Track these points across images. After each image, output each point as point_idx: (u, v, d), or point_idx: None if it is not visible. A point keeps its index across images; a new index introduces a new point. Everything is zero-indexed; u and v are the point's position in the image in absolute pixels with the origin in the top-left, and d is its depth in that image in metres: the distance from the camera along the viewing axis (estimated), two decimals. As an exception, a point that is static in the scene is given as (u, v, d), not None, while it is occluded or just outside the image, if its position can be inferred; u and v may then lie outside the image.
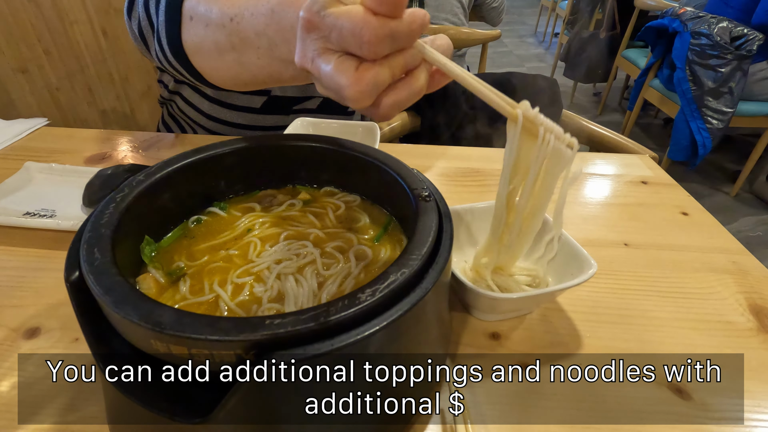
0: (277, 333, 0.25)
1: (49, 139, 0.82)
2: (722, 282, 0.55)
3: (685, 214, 0.67)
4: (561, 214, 0.44)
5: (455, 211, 0.49)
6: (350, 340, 0.26)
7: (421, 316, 0.32)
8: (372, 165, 0.44)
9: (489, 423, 0.38)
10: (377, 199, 0.48)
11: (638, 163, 0.81)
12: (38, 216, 0.59)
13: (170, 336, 0.25)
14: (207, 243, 0.43)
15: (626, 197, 0.71)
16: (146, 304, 0.26)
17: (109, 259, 0.30)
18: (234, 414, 0.26)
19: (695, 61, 2.05)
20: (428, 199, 0.38)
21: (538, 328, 0.48)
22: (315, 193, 0.50)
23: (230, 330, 0.25)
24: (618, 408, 0.40)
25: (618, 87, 3.48)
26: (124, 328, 0.28)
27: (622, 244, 0.61)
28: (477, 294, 0.43)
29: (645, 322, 0.49)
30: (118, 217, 0.34)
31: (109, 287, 0.27)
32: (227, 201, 0.48)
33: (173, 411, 0.27)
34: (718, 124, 2.07)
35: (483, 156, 0.81)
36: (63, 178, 0.68)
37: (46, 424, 0.37)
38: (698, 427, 0.39)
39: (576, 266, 0.47)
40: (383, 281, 0.29)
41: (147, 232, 0.40)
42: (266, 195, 0.49)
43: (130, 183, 0.38)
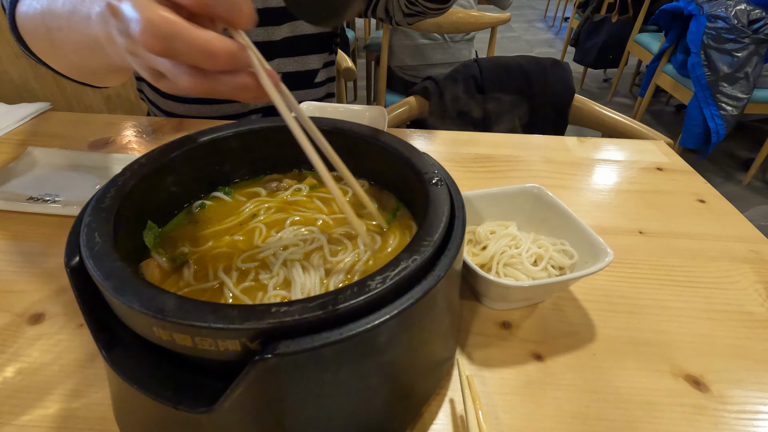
0: (284, 321, 0.24)
1: (53, 123, 0.81)
2: (741, 271, 0.53)
3: (702, 202, 0.65)
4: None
5: (466, 197, 0.48)
6: (360, 329, 0.25)
7: (432, 304, 0.31)
8: (380, 148, 0.43)
9: (500, 413, 0.38)
10: (386, 184, 0.47)
11: (653, 149, 0.79)
12: (42, 201, 0.59)
13: (172, 323, 0.24)
14: (211, 228, 0.42)
15: (641, 184, 0.69)
16: (148, 291, 0.25)
17: (110, 244, 0.29)
18: (240, 404, 0.25)
19: (710, 45, 2.00)
20: (440, 184, 0.37)
21: (551, 318, 0.46)
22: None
23: (235, 318, 0.24)
24: (633, 399, 0.39)
25: (629, 73, 3.40)
26: (125, 314, 0.27)
27: (637, 232, 0.59)
28: (488, 282, 0.42)
29: (660, 312, 0.48)
30: (119, 202, 0.33)
31: (110, 273, 0.26)
32: (232, 186, 0.47)
33: (177, 400, 0.26)
34: (732, 111, 2.03)
35: (494, 141, 0.79)
36: (67, 163, 0.68)
37: (51, 410, 0.37)
38: (716, 420, 0.38)
39: (590, 254, 0.45)
40: (394, 268, 0.28)
41: (150, 217, 0.39)
42: (272, 179, 0.48)
43: (131, 166, 0.36)
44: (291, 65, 0.85)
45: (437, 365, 0.38)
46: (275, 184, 0.47)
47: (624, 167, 0.74)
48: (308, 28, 0.83)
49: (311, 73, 0.87)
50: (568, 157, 0.76)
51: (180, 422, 0.28)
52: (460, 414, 0.37)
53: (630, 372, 0.41)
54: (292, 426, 0.28)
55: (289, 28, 0.81)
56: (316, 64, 0.87)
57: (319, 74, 0.89)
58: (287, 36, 0.82)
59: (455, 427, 0.37)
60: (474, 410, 0.35)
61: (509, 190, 0.53)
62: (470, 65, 1.02)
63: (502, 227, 0.50)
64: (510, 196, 0.53)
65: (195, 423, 0.27)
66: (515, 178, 0.70)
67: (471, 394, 0.36)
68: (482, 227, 0.51)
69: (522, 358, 0.42)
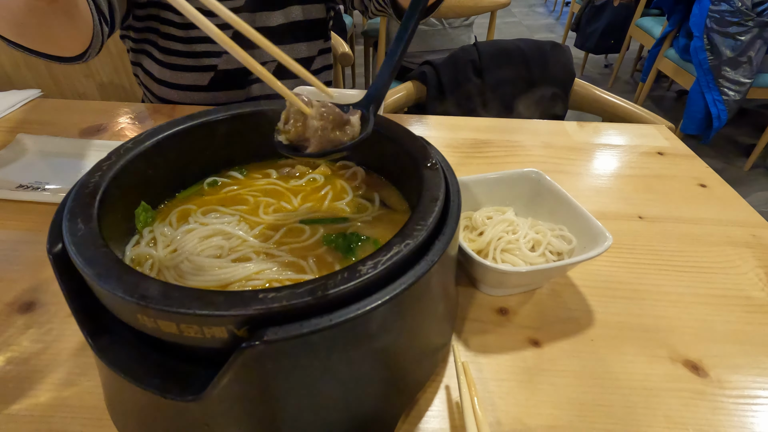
0: (271, 307, 0.23)
1: (44, 110, 0.80)
2: (741, 256, 0.52)
3: (703, 186, 0.64)
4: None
5: (462, 181, 0.47)
6: (350, 315, 0.24)
7: (426, 290, 0.30)
8: (372, 131, 0.42)
9: (496, 399, 0.37)
10: (379, 168, 0.46)
11: (654, 133, 0.78)
12: (31, 189, 0.58)
13: (156, 310, 0.23)
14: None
15: (641, 168, 0.68)
16: (131, 277, 0.25)
17: (93, 230, 0.28)
18: (228, 392, 0.25)
19: (714, 28, 1.96)
20: (434, 167, 0.36)
21: (548, 303, 0.46)
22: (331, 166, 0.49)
23: (221, 304, 0.23)
24: (631, 386, 0.38)
25: (630, 58, 3.36)
26: (109, 301, 0.26)
27: (637, 217, 0.58)
28: (485, 267, 0.41)
29: (659, 297, 0.47)
30: (105, 185, 0.32)
31: (92, 259, 0.26)
32: (245, 167, 0.47)
33: (165, 388, 0.25)
34: (734, 96, 2.00)
35: (492, 127, 0.78)
36: (57, 150, 0.66)
37: (42, 399, 0.36)
38: (714, 405, 0.37)
39: (589, 239, 0.44)
40: (386, 253, 0.27)
41: (146, 199, 0.38)
42: (286, 164, 0.48)
43: (117, 150, 0.35)
44: (286, 53, 0.83)
45: (432, 352, 0.37)
46: (287, 170, 0.47)
47: (624, 152, 0.73)
48: (301, 15, 0.81)
49: (306, 60, 0.86)
50: (568, 142, 0.74)
51: (169, 410, 0.28)
52: (455, 401, 0.37)
53: (628, 358, 0.41)
54: (282, 414, 0.27)
55: (283, 15, 0.80)
56: (310, 52, 0.86)
57: (315, 62, 0.88)
58: (282, 23, 0.80)
59: (451, 413, 0.36)
60: (470, 397, 0.34)
61: (507, 175, 0.52)
62: (469, 49, 1.00)
63: (500, 213, 0.49)
64: (508, 181, 0.52)
65: (184, 411, 0.27)
66: (513, 164, 0.69)
67: (467, 381, 0.35)
68: (479, 213, 0.50)
69: (519, 344, 0.42)
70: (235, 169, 0.47)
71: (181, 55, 0.79)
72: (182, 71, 0.80)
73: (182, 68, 0.79)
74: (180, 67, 0.79)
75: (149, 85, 0.85)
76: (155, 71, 0.81)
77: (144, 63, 0.83)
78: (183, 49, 0.78)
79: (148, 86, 0.85)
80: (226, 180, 0.46)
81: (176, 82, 0.81)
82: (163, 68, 0.80)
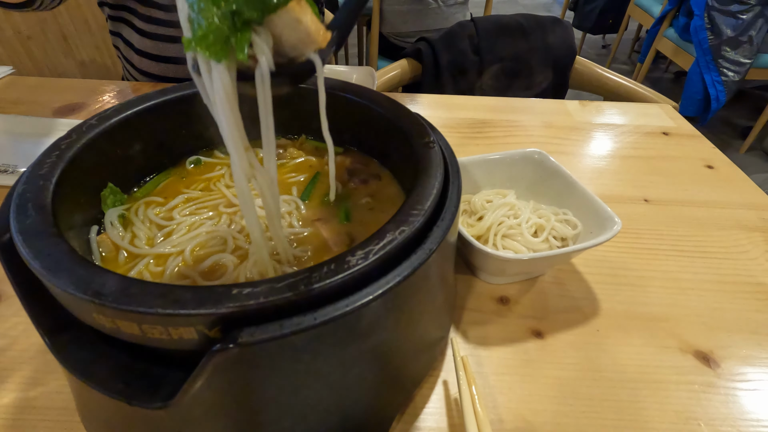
0: (246, 305, 0.20)
1: (16, 89, 0.75)
2: (751, 240, 0.50)
3: (710, 168, 0.62)
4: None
5: (461, 163, 0.44)
6: (337, 313, 0.21)
7: (423, 281, 0.27)
8: (364, 107, 0.38)
9: (497, 395, 0.35)
10: (371, 149, 0.43)
11: (658, 112, 0.75)
12: (1, 172, 0.54)
13: (113, 309, 0.20)
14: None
15: (646, 149, 0.65)
16: (85, 270, 0.21)
17: (46, 217, 0.25)
18: (201, 398, 0.22)
19: (715, 7, 1.91)
20: (432, 146, 0.32)
21: (551, 292, 0.43)
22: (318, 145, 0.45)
23: (188, 302, 0.20)
24: (639, 378, 0.36)
25: (628, 39, 3.30)
26: (61, 298, 0.23)
27: (642, 200, 0.56)
28: (485, 254, 0.38)
29: (667, 284, 0.45)
30: (64, 166, 0.29)
31: (41, 250, 0.22)
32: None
33: (130, 394, 0.22)
34: (734, 77, 1.97)
35: (491, 106, 0.74)
36: (28, 131, 0.62)
37: (6, 400, 0.33)
38: (727, 399, 0.35)
39: (595, 223, 0.42)
40: (378, 241, 0.24)
41: (114, 181, 0.35)
42: (278, 146, 0.44)
43: (79, 128, 0.32)
44: None
45: (429, 346, 0.34)
46: (279, 151, 0.43)
47: (628, 132, 0.69)
48: None
49: None
50: (569, 122, 0.71)
51: (138, 417, 0.25)
52: (454, 396, 0.35)
53: (636, 349, 0.38)
54: (264, 420, 0.25)
55: None
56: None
57: None
58: None
59: (449, 410, 0.34)
60: (469, 393, 0.32)
61: (508, 156, 0.49)
62: (466, 25, 0.95)
63: (500, 196, 0.47)
64: (509, 162, 0.49)
65: (153, 418, 0.24)
66: (513, 144, 0.65)
67: (466, 376, 0.33)
68: (478, 196, 0.47)
69: (521, 335, 0.39)
70: (221, 148, 0.44)
71: (163, 24, 0.74)
72: (164, 42, 0.75)
73: (164, 38, 0.75)
74: (162, 37, 0.75)
75: (130, 57, 0.80)
76: (135, 41, 0.76)
77: (123, 32, 0.78)
78: (165, 18, 0.73)
79: (129, 58, 0.80)
80: (211, 160, 0.43)
81: (158, 54, 0.76)
82: (143, 38, 0.75)
